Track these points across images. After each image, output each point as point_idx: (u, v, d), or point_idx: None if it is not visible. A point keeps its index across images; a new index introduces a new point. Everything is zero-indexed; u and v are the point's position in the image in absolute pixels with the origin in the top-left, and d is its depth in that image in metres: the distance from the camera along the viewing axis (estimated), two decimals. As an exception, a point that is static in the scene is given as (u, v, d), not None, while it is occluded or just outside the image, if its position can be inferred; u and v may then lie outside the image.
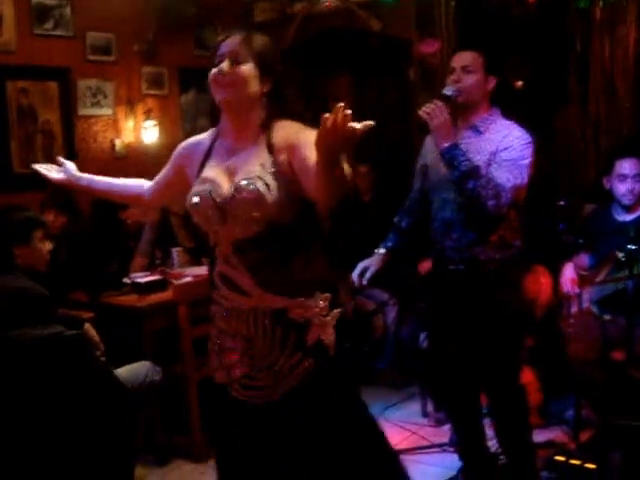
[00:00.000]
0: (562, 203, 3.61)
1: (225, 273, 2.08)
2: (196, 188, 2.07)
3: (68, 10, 4.49)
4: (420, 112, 2.80)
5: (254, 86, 2.03)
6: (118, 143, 4.83)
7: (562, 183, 4.27)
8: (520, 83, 4.44)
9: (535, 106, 4.39)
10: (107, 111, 4.78)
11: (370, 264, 3.12)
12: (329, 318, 2.06)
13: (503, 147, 2.83)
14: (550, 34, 4.50)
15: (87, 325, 3.23)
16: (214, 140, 2.15)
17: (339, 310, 2.08)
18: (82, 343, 2.90)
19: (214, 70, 2.04)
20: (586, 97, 4.53)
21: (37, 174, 2.62)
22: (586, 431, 3.45)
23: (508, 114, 2.99)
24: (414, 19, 4.71)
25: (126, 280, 4.05)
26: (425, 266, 3.50)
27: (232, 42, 2.05)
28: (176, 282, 3.97)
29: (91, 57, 4.68)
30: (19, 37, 4.29)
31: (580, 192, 4.25)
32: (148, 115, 4.94)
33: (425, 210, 3.08)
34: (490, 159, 2.83)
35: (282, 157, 1.98)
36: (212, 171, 2.08)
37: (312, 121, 1.88)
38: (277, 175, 1.97)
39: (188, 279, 4.06)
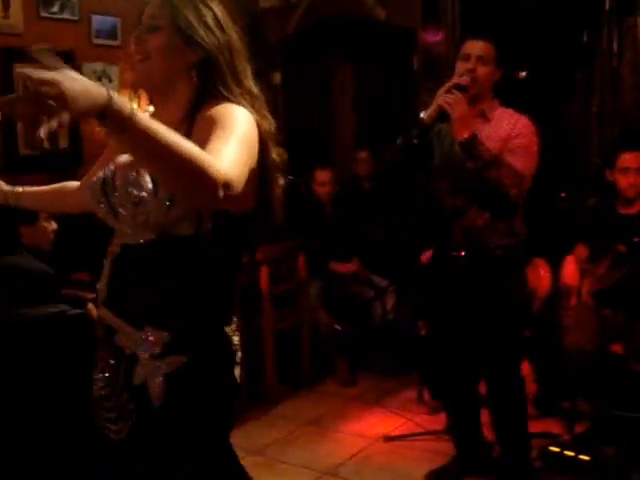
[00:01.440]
0: (563, 194, 3.63)
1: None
2: (100, 172, 1.74)
3: (74, -7, 4.49)
4: (440, 102, 2.81)
5: (170, 58, 1.66)
6: (122, 127, 4.85)
7: (564, 174, 4.27)
8: (524, 73, 4.43)
9: (539, 96, 4.39)
10: (112, 95, 4.80)
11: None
12: (160, 364, 1.64)
13: (515, 134, 2.87)
14: (557, 24, 4.50)
15: (90, 305, 3.26)
16: None
17: (182, 359, 1.64)
18: (85, 322, 2.90)
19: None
20: (591, 88, 4.52)
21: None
22: (581, 423, 3.47)
23: (511, 104, 3.02)
24: (419, 7, 4.69)
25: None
26: (427, 255, 3.51)
27: (153, 3, 1.69)
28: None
29: (96, 41, 4.67)
30: (26, 20, 4.28)
31: (582, 184, 4.26)
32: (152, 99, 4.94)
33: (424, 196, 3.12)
34: (502, 145, 2.86)
35: None
36: (123, 158, 1.69)
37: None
38: None
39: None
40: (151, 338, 1.64)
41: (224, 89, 1.66)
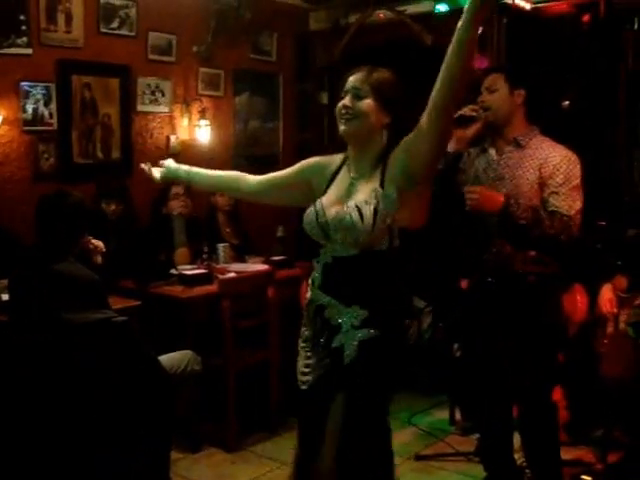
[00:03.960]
0: (603, 223, 3.63)
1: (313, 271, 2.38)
2: (311, 206, 2.34)
3: (134, 11, 4.64)
4: (468, 201, 2.89)
5: (373, 119, 2.24)
6: (173, 140, 4.98)
7: (605, 203, 4.28)
8: (567, 103, 4.46)
9: (583, 125, 4.41)
10: (164, 109, 4.93)
11: None
12: (359, 332, 2.22)
13: (552, 168, 2.89)
14: (601, 54, 4.54)
15: (87, 238, 3.34)
16: (342, 165, 2.38)
17: (373, 332, 2.22)
18: (130, 329, 2.97)
19: (339, 104, 2.28)
20: (635, 117, 4.55)
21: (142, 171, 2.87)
22: (614, 452, 3.46)
23: (555, 133, 3.07)
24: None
25: (173, 271, 4.19)
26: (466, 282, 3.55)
27: (355, 78, 2.27)
28: (221, 276, 4.09)
29: (152, 56, 4.82)
30: (86, 35, 4.44)
31: (623, 213, 4.26)
32: (203, 114, 5.07)
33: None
34: (541, 181, 2.90)
35: (391, 190, 2.20)
36: (329, 194, 2.34)
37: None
38: (378, 208, 2.18)
39: (232, 274, 4.20)
40: (354, 314, 2.22)
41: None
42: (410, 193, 2.20)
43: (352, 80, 2.27)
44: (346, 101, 2.26)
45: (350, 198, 2.26)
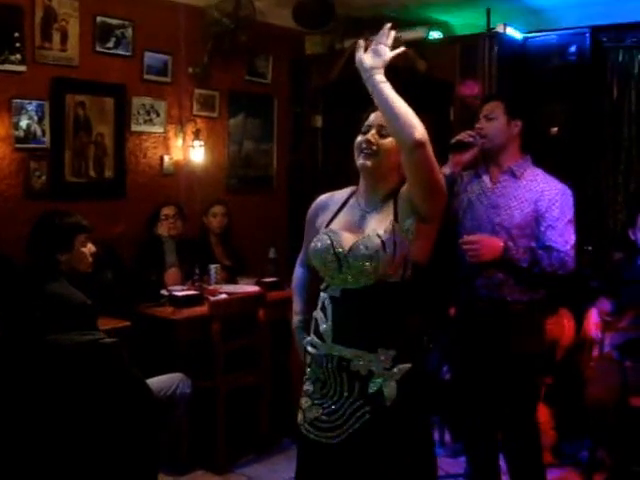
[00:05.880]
0: (589, 248, 3.68)
1: (316, 317, 2.33)
2: (321, 235, 2.29)
3: (130, 31, 4.67)
4: (469, 252, 2.93)
5: (393, 158, 2.23)
6: (167, 160, 5.00)
7: (590, 228, 4.34)
8: (555, 129, 4.54)
9: (570, 152, 4.48)
10: (158, 129, 4.95)
11: None
12: (394, 371, 2.19)
13: (548, 202, 2.95)
14: (587, 84, 4.64)
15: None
16: (350, 197, 2.38)
17: (407, 366, 2.19)
18: (118, 351, 2.95)
19: (360, 138, 2.28)
20: (619, 145, 4.68)
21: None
22: (600, 473, 3.48)
23: (542, 160, 3.12)
24: (458, 61, 4.84)
25: (164, 292, 4.20)
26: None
27: (380, 115, 2.24)
28: (212, 298, 4.10)
29: (147, 76, 4.84)
30: (82, 53, 4.44)
31: (608, 238, 4.32)
32: (197, 135, 5.10)
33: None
34: (537, 214, 2.95)
35: (408, 222, 2.19)
36: (340, 224, 2.31)
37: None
38: (396, 239, 2.17)
39: (223, 296, 4.21)
40: (382, 357, 2.19)
41: None
42: (422, 226, 2.20)
43: (379, 117, 2.25)
44: (369, 136, 2.26)
45: (364, 229, 2.25)
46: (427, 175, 2.10)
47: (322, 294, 2.33)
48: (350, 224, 2.29)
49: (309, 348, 2.33)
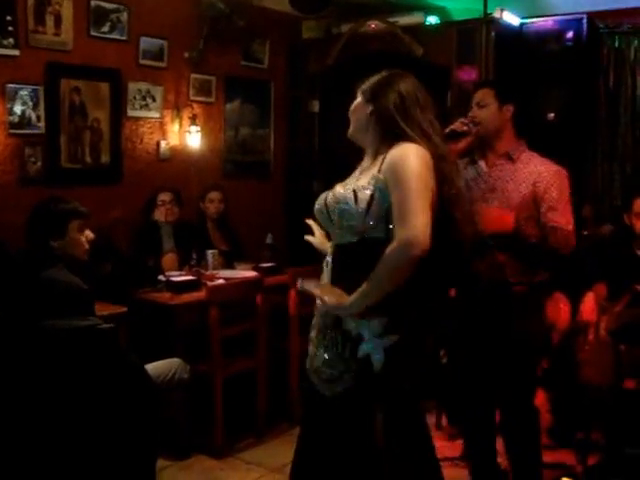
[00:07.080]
0: (586, 233, 3.70)
1: (322, 272, 2.35)
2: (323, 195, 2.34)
3: (125, 15, 4.64)
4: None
5: (362, 114, 2.35)
6: (163, 145, 4.99)
7: (587, 213, 4.36)
8: (552, 115, 4.55)
9: (566, 138, 4.49)
10: (155, 114, 4.94)
11: None
12: (384, 340, 2.16)
13: (546, 183, 2.96)
14: (584, 69, 4.65)
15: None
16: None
17: (396, 336, 2.16)
18: (115, 336, 2.95)
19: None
20: (615, 131, 4.71)
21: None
22: (594, 455, 3.51)
23: (537, 145, 3.12)
24: (455, 47, 4.84)
25: (161, 278, 4.20)
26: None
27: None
28: (209, 283, 4.10)
29: (143, 61, 4.83)
30: (76, 37, 4.41)
31: (605, 223, 4.33)
32: (193, 120, 5.09)
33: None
34: (535, 196, 2.96)
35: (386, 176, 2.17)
36: (342, 182, 2.34)
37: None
38: (375, 193, 2.16)
39: (221, 281, 4.21)
40: (371, 323, 2.16)
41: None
42: None
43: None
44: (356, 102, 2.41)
45: (352, 184, 2.26)
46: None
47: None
48: (349, 180, 2.32)
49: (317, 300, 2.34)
